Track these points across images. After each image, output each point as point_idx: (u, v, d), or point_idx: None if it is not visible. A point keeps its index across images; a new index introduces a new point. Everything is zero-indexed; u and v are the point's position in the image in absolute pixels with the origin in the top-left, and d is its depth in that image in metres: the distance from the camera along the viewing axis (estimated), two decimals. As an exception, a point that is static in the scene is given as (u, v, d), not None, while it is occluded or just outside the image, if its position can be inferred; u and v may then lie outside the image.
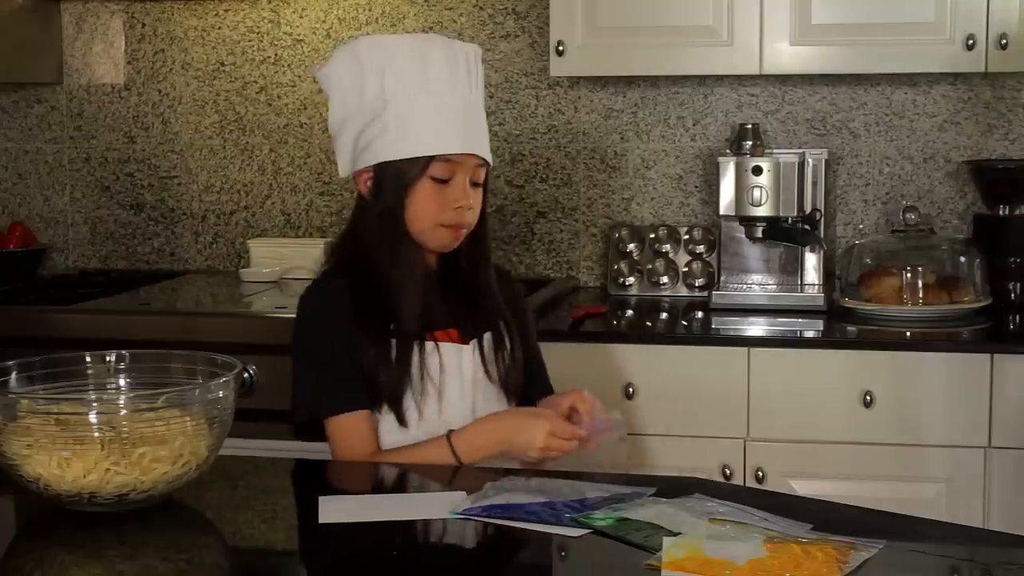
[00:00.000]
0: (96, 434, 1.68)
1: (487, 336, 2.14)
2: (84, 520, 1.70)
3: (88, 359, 1.91)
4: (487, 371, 2.13)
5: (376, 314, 2.07)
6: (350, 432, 2.05)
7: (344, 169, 2.16)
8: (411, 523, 1.70)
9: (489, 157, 2.13)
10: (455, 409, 2.09)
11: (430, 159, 2.06)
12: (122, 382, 1.91)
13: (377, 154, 2.08)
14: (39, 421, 1.71)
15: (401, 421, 2.05)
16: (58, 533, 1.69)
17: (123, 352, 1.93)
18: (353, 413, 2.05)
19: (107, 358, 1.91)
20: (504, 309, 2.17)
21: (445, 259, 2.16)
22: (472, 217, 2.10)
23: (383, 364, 2.04)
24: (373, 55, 2.09)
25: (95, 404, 1.76)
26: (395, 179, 2.08)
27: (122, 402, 1.79)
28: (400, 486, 1.98)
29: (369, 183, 2.12)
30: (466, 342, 2.11)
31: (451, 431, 2.03)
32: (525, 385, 2.19)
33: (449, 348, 2.09)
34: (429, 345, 2.07)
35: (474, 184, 2.10)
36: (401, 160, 2.07)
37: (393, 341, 2.05)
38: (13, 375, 1.83)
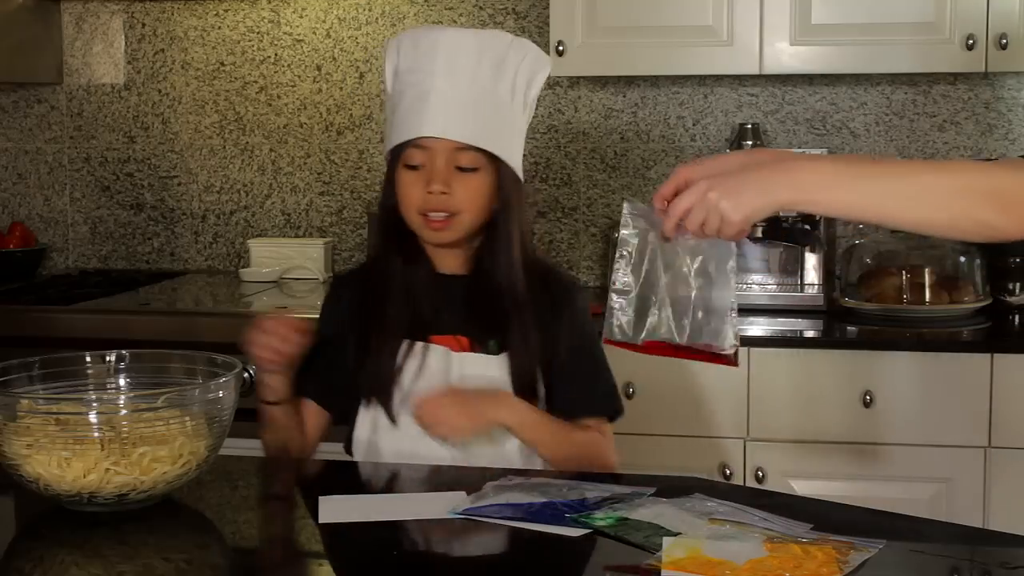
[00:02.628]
0: (96, 434, 1.68)
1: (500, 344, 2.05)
2: (84, 520, 1.70)
3: (88, 359, 1.90)
4: (509, 381, 2.04)
5: (370, 310, 2.07)
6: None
7: None
8: (411, 523, 1.70)
9: (476, 141, 2.01)
10: None
11: (403, 146, 2.03)
12: (122, 382, 1.91)
13: (385, 148, 2.11)
14: (39, 421, 1.70)
15: (390, 418, 2.04)
16: (58, 533, 1.69)
17: (123, 352, 1.92)
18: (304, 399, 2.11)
19: (107, 358, 1.91)
20: (526, 318, 2.05)
21: (478, 262, 2.09)
22: (454, 204, 2.02)
23: (371, 358, 2.04)
24: (393, 50, 2.09)
25: (95, 404, 1.76)
26: (387, 171, 2.09)
27: (122, 402, 1.79)
28: (400, 486, 1.99)
29: None
30: (475, 349, 2.04)
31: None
32: (547, 399, 2.08)
33: (438, 352, 2.03)
34: (419, 346, 2.03)
35: (461, 169, 2.02)
36: (391, 151, 2.07)
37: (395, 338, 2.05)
38: (13, 375, 1.83)
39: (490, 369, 2.04)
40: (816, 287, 3.27)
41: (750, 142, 3.28)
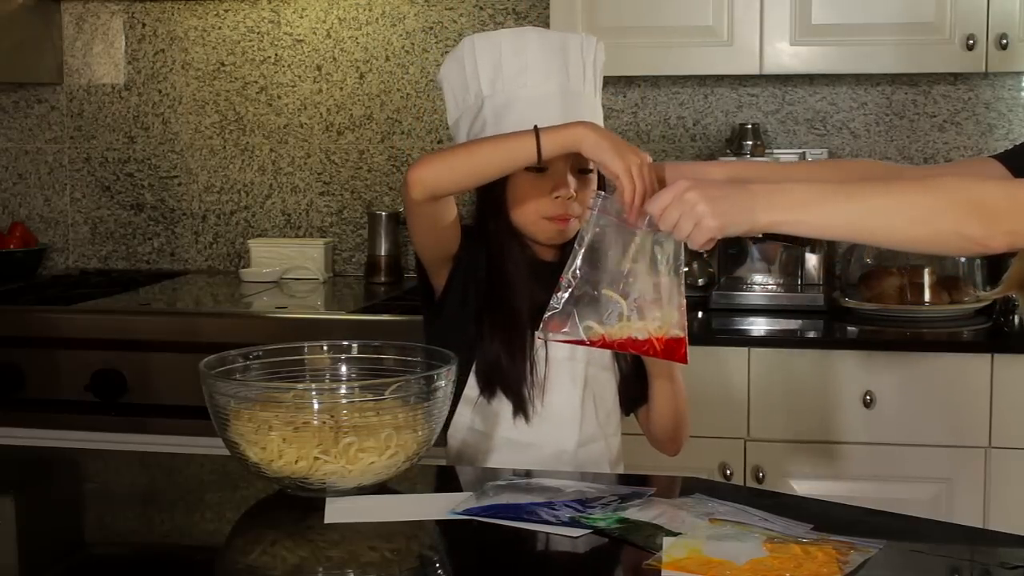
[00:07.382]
0: (315, 422, 1.73)
1: None
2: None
3: (305, 350, 1.95)
4: (606, 363, 2.10)
5: (495, 304, 2.05)
6: None
7: None
8: (411, 523, 1.70)
9: None
10: (562, 402, 2.06)
11: None
12: (343, 369, 1.95)
13: None
14: (260, 407, 1.76)
15: (522, 411, 2.04)
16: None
17: (343, 342, 1.96)
18: None
19: (323, 348, 1.96)
20: None
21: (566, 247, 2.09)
22: (578, 207, 2.05)
23: (504, 353, 2.03)
24: (475, 53, 2.08)
25: (317, 393, 1.80)
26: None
27: (343, 391, 1.83)
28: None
29: None
30: None
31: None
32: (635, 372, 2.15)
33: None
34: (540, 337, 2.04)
35: (583, 171, 2.06)
36: None
37: (511, 331, 2.04)
38: (235, 364, 1.87)
39: (579, 351, 2.05)
40: (816, 287, 3.27)
41: (750, 142, 3.28)
